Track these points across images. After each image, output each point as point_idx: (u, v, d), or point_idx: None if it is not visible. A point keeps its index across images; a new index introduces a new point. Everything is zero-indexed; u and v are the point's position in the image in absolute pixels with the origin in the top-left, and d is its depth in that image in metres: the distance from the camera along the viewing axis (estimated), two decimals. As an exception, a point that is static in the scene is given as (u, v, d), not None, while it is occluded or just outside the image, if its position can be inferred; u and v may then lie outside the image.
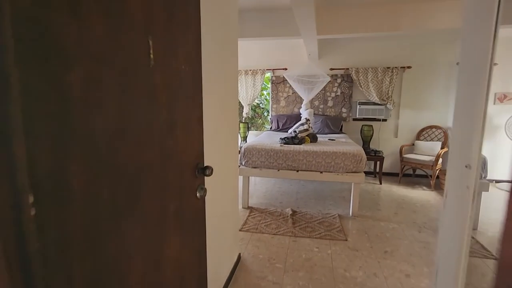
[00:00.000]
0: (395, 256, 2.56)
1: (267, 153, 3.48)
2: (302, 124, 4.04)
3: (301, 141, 3.84)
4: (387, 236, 2.94)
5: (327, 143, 3.95)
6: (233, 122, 2.08)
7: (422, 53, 4.83)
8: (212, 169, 1.25)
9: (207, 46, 1.50)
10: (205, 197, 1.29)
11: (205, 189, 1.26)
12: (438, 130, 4.86)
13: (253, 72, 5.37)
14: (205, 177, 1.27)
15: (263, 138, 4.32)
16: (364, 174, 3.32)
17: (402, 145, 4.84)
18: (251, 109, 7.12)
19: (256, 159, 3.52)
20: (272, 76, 5.49)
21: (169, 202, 1.00)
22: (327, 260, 2.48)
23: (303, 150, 3.41)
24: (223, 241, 1.98)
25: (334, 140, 4.26)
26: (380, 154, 4.77)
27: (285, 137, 3.81)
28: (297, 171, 3.44)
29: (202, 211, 1.30)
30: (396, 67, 4.82)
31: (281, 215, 3.45)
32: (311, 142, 3.99)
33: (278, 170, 3.49)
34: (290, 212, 3.47)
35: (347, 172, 3.33)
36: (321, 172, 3.38)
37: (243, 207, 3.65)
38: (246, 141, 5.53)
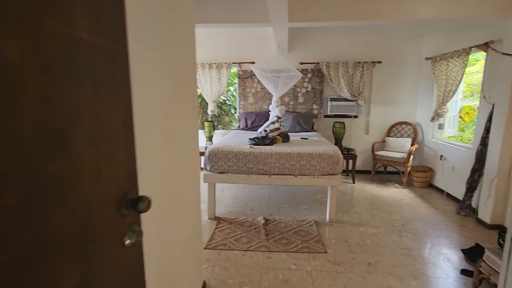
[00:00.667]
0: (380, 268, 2.32)
1: (235, 156, 3.07)
2: (273, 123, 3.69)
3: (272, 142, 3.49)
4: (368, 243, 2.71)
5: (300, 142, 3.65)
6: (191, 123, 1.63)
7: (392, 48, 4.73)
8: (149, 201, 0.81)
9: (142, 18, 1.04)
10: (147, 235, 0.85)
11: (140, 231, 0.82)
12: (408, 126, 4.82)
13: (218, 65, 4.90)
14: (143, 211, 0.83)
15: (230, 138, 3.90)
16: (341, 177, 3.06)
17: (374, 142, 4.73)
18: (217, 106, 6.64)
19: (223, 164, 3.09)
20: (238, 70, 5.07)
21: (64, 274, 0.55)
22: (308, 281, 2.15)
23: (275, 152, 3.06)
24: (180, 279, 1.54)
25: (307, 139, 3.97)
26: (353, 152, 4.61)
27: (255, 137, 3.43)
28: (269, 175, 3.08)
29: (136, 264, 0.86)
30: (366, 62, 4.67)
31: (253, 225, 3.07)
32: (283, 142, 3.65)
33: (248, 175, 3.09)
34: (263, 222, 3.10)
35: (323, 175, 3.04)
36: (296, 176, 3.05)
37: (209, 218, 3.21)
38: (211, 142, 5.05)
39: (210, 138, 5.03)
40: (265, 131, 3.58)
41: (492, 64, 3.14)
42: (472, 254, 2.49)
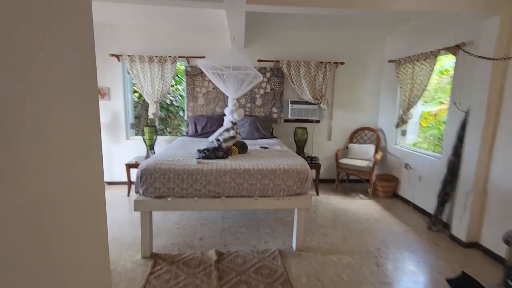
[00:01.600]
0: (365, 320, 1.81)
1: (177, 176, 2.33)
2: (227, 130, 3.03)
3: (226, 153, 2.83)
4: (345, 280, 2.21)
5: (260, 153, 3.05)
6: (82, 128, 0.87)
7: (355, 48, 4.44)
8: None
9: None
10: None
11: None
12: (370, 132, 4.57)
13: (160, 59, 4.06)
14: None
15: (175, 148, 3.13)
16: (310, 196, 2.52)
17: (338, 149, 4.36)
18: (163, 107, 5.75)
19: (161, 185, 2.33)
20: (186, 66, 4.30)
21: None
22: None
23: (230, 168, 2.40)
24: None
25: (267, 148, 3.40)
26: (317, 161, 4.18)
27: (205, 149, 2.73)
28: (223, 198, 2.41)
29: None
30: (329, 63, 4.29)
31: (202, 263, 2.36)
32: (239, 153, 3.02)
33: (195, 199, 2.38)
34: (215, 257, 2.42)
35: (289, 195, 2.48)
36: (256, 198, 2.43)
37: (143, 257, 2.42)
38: (153, 151, 4.19)
39: (151, 147, 4.17)
40: (218, 140, 2.91)
41: (463, 68, 2.93)
42: (460, 285, 2.15)
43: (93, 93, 0.83)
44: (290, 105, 4.44)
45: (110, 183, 4.39)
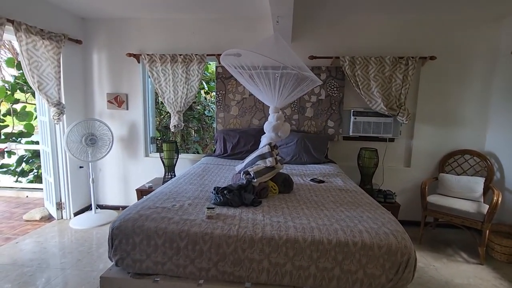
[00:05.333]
0: None
1: (169, 243, 1.35)
2: (263, 157, 1.98)
3: (259, 195, 1.78)
4: None
5: (312, 194, 1.94)
6: None
7: (452, 36, 3.09)
8: None
9: None
10: None
11: None
12: (473, 157, 3.13)
13: (184, 58, 3.23)
14: None
15: (188, 178, 2.20)
16: (412, 296, 1.33)
17: (425, 181, 3.01)
18: (195, 118, 4.96)
19: (144, 257, 1.37)
20: (217, 67, 3.40)
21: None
22: None
23: (261, 236, 1.34)
24: None
25: (322, 182, 2.27)
26: (392, 199, 2.90)
27: (225, 189, 1.71)
28: (248, 285, 1.35)
29: None
30: (412, 58, 3.02)
31: None
32: (281, 192, 1.95)
33: (200, 283, 1.37)
34: None
35: (370, 291, 1.32)
36: (308, 293, 1.33)
37: None
38: (173, 173, 3.34)
39: (171, 168, 3.32)
40: (246, 173, 1.87)
41: None
42: None
43: None
44: (352, 117, 3.25)
45: (125, 208, 3.66)
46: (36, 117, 4.37)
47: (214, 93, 4.94)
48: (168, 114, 4.88)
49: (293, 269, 1.30)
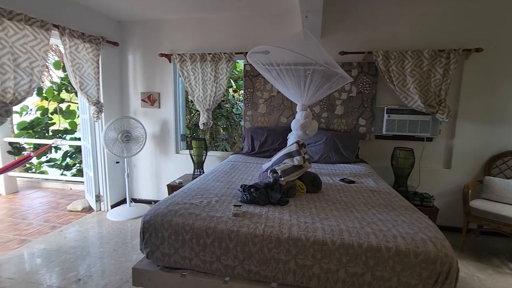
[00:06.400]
0: None
1: (196, 239, 1.38)
2: (291, 155, 1.95)
3: (286, 194, 1.76)
4: None
5: (342, 195, 1.86)
6: None
7: (502, 25, 2.79)
8: None
9: None
10: None
11: None
12: (526, 159, 2.82)
13: (213, 57, 3.28)
14: None
15: (215, 175, 2.22)
16: (452, 309, 1.22)
17: (467, 185, 2.77)
18: (223, 116, 5.03)
19: (172, 251, 1.41)
20: (245, 65, 3.41)
21: None
22: None
23: (288, 236, 1.31)
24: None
25: (353, 182, 2.18)
26: (429, 203, 2.71)
27: (252, 187, 1.70)
28: (274, 286, 1.33)
29: None
30: (455, 50, 2.78)
31: None
32: (308, 192, 1.90)
33: (226, 280, 1.38)
34: None
35: (404, 300, 1.23)
36: (336, 298, 1.28)
37: None
38: (202, 170, 3.42)
39: (200, 165, 3.40)
40: (274, 172, 1.85)
41: None
42: None
43: None
44: (385, 115, 3.08)
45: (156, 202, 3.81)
46: (78, 115, 4.71)
47: (242, 91, 4.98)
48: (198, 112, 5.00)
49: (321, 272, 1.26)
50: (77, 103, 4.71)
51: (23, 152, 4.37)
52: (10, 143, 4.23)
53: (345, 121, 3.19)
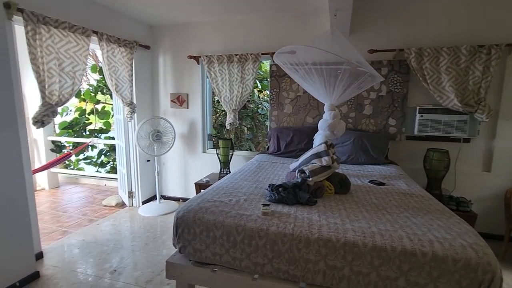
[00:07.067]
0: None
1: (226, 236, 1.41)
2: (318, 156, 1.93)
3: (315, 194, 1.75)
4: None
5: (372, 197, 1.82)
6: None
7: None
8: None
9: None
10: None
11: None
12: None
13: (240, 58, 3.33)
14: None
15: (242, 174, 2.26)
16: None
17: (510, 189, 2.58)
18: (248, 116, 5.08)
19: (203, 246, 1.46)
20: (271, 65, 3.42)
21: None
22: None
23: (318, 237, 1.30)
24: None
25: (383, 184, 2.11)
26: (467, 208, 2.56)
27: (280, 186, 1.72)
28: (302, 286, 1.34)
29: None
30: (496, 46, 2.60)
31: None
32: (337, 193, 1.88)
33: (255, 277, 1.40)
34: None
35: (441, 308, 1.18)
36: (367, 301, 1.25)
37: None
38: (228, 170, 3.48)
39: (226, 164, 3.47)
40: (302, 171, 1.85)
41: None
42: None
43: None
44: (418, 115, 2.95)
45: (186, 200, 3.95)
46: (112, 116, 4.99)
47: (267, 92, 4.99)
48: (223, 112, 5.09)
49: (352, 274, 1.24)
50: (111, 104, 4.99)
51: (63, 150, 4.70)
52: (53, 142, 4.57)
53: (374, 121, 3.10)
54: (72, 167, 5.21)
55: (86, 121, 5.12)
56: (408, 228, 1.34)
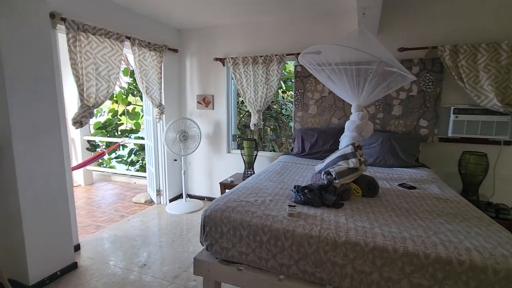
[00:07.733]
0: None
1: (253, 235, 1.43)
2: (345, 157, 1.90)
3: (341, 196, 1.72)
4: None
5: (402, 201, 1.75)
6: None
7: None
8: None
9: None
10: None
11: None
12: None
13: (265, 59, 3.34)
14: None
15: (268, 175, 2.27)
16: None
17: (558, 198, 2.38)
18: (272, 117, 5.09)
19: (230, 245, 1.49)
20: (296, 66, 3.41)
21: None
22: None
23: (345, 240, 1.28)
24: None
25: (413, 188, 2.03)
26: (508, 215, 2.38)
27: (306, 188, 1.71)
28: (329, 289, 1.32)
29: None
30: (543, 40, 2.41)
31: None
32: (364, 195, 1.83)
33: (281, 278, 1.41)
34: None
35: (479, 320, 1.12)
36: (398, 309, 1.21)
37: None
38: (252, 170, 3.51)
39: (250, 165, 3.50)
40: (328, 174, 1.82)
41: None
42: None
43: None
44: (452, 116, 2.80)
45: (210, 199, 4.03)
46: (142, 117, 5.21)
47: (292, 92, 4.96)
48: (247, 113, 5.14)
49: (381, 280, 1.21)
50: (141, 106, 5.22)
51: (97, 149, 4.99)
52: (88, 141, 4.87)
53: (404, 122, 2.98)
54: (104, 165, 5.51)
55: (118, 122, 5.40)
56: (442, 234, 1.27)
